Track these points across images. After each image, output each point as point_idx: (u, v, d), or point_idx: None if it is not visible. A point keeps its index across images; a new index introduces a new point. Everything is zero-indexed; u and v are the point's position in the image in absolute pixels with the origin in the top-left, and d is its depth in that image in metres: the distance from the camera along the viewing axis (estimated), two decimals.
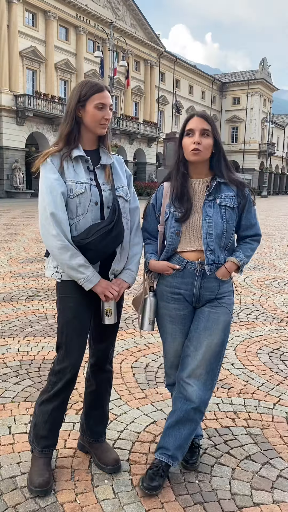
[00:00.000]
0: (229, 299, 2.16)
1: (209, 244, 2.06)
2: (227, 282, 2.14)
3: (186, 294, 2.14)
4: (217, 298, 2.13)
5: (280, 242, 11.40)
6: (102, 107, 2.00)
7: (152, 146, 44.48)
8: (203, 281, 2.10)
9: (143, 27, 42.81)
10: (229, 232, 2.08)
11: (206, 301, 2.14)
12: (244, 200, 2.10)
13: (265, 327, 4.57)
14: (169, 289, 2.17)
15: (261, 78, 59.17)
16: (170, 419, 2.16)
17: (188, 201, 2.09)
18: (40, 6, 32.17)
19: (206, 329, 2.10)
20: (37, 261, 7.86)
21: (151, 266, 2.19)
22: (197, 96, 55.34)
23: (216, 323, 2.10)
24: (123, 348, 3.84)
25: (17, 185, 30.24)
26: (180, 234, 2.11)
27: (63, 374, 2.09)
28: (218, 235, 2.05)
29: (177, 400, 2.15)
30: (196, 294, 2.13)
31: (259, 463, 2.35)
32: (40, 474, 2.09)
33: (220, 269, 2.08)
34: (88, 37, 36.69)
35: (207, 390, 2.12)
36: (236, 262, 2.08)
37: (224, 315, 2.12)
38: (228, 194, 2.08)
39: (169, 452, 2.12)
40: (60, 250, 1.93)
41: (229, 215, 2.07)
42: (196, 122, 2.04)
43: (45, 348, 3.81)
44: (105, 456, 2.25)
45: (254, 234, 2.17)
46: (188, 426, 2.12)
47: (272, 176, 66.49)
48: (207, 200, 2.07)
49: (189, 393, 2.09)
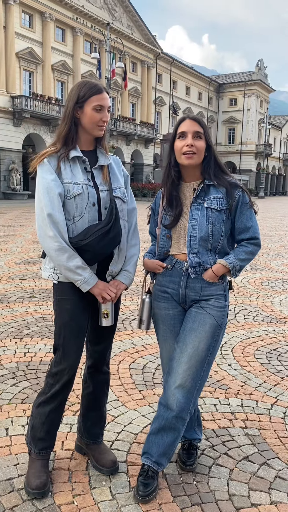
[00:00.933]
0: (218, 302, 2.08)
1: (193, 246, 2.04)
2: (215, 285, 2.08)
3: (173, 293, 2.14)
4: (203, 300, 2.09)
5: (277, 243, 11.43)
6: (100, 109, 2.00)
7: (149, 147, 44.52)
8: (188, 280, 2.09)
9: (140, 29, 42.85)
10: (215, 234, 2.03)
11: (192, 301, 2.12)
12: (235, 202, 2.05)
13: (262, 328, 4.58)
14: (159, 288, 2.19)
15: (258, 79, 59.32)
16: (153, 425, 2.13)
17: (178, 207, 2.08)
18: (37, 7, 32.15)
19: (192, 330, 2.06)
20: (34, 263, 7.85)
21: (144, 264, 2.24)
22: (194, 97, 55.41)
23: (203, 324, 2.05)
24: (121, 349, 3.83)
25: (14, 186, 30.20)
26: (170, 237, 2.12)
27: (61, 376, 2.08)
28: (202, 238, 2.02)
29: (160, 406, 2.11)
30: (182, 294, 2.12)
31: (256, 463, 2.35)
32: (37, 476, 2.08)
33: (207, 271, 2.05)
34: (85, 38, 36.71)
35: (190, 397, 2.06)
36: (225, 264, 2.02)
37: (211, 318, 2.06)
38: (215, 197, 2.04)
39: (153, 458, 2.09)
40: (57, 251, 1.93)
41: (216, 218, 2.03)
42: (188, 124, 2.02)
43: (42, 349, 3.80)
44: (103, 457, 2.25)
45: (251, 237, 2.08)
46: (171, 434, 2.08)
47: (269, 177, 66.64)
48: (195, 203, 2.06)
49: (171, 401, 2.05)
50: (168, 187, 2.11)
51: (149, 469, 2.08)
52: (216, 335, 2.08)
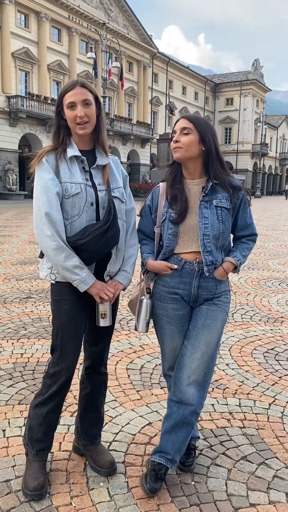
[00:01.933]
0: (226, 297, 2.18)
1: (206, 245, 2.06)
2: (224, 282, 2.15)
3: (184, 294, 2.13)
4: (215, 297, 2.14)
5: (274, 242, 11.44)
6: (72, 105, 1.97)
7: (145, 147, 44.50)
8: (201, 280, 2.10)
9: (136, 28, 42.82)
10: (225, 233, 2.09)
11: (204, 301, 2.14)
12: (239, 201, 2.12)
13: (259, 327, 4.58)
14: (167, 289, 2.15)
15: (254, 79, 59.41)
16: (167, 423, 2.14)
17: (183, 202, 2.08)
18: (32, 7, 32.07)
19: (205, 327, 2.10)
20: (30, 263, 7.83)
21: (148, 266, 2.17)
22: (190, 97, 55.45)
23: (215, 320, 2.11)
24: (118, 350, 3.82)
25: (10, 186, 30.10)
26: (177, 236, 2.10)
27: (58, 376, 2.07)
28: (215, 236, 2.06)
29: (172, 404, 2.13)
30: (194, 294, 2.12)
31: (255, 463, 2.34)
32: (35, 478, 2.07)
33: (218, 269, 2.09)
34: (80, 38, 36.64)
35: (204, 391, 2.14)
36: (234, 262, 2.10)
37: (222, 313, 2.14)
38: (223, 195, 2.08)
39: (169, 456, 2.10)
40: (55, 251, 1.92)
41: (225, 216, 2.07)
42: (179, 123, 2.08)
43: (40, 350, 3.79)
44: (101, 458, 2.24)
45: (250, 234, 2.19)
46: (185, 429, 2.12)
47: (265, 176, 66.77)
48: (203, 201, 2.07)
49: (186, 396, 2.08)
50: (171, 183, 2.13)
51: (162, 468, 2.09)
52: (223, 329, 2.17)
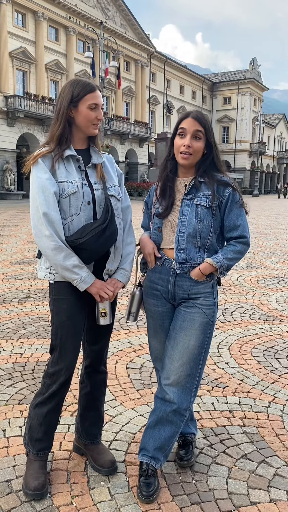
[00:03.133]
0: (206, 300, 2.09)
1: (181, 242, 2.05)
2: (203, 283, 2.08)
3: (162, 291, 2.15)
4: (191, 298, 2.09)
5: (272, 241, 11.45)
6: (95, 107, 1.99)
7: (143, 146, 44.49)
8: (177, 279, 2.09)
9: (133, 28, 42.78)
10: (204, 231, 2.03)
11: (180, 300, 2.12)
12: (225, 200, 2.05)
13: (259, 326, 4.58)
14: (150, 284, 2.20)
15: (252, 78, 59.41)
16: (150, 418, 2.14)
17: (169, 198, 2.09)
18: (30, 7, 32.01)
19: (182, 329, 2.08)
20: (29, 263, 7.82)
21: (141, 239, 2.22)
22: (187, 96, 55.43)
23: (192, 323, 2.06)
24: (118, 349, 3.82)
25: (8, 186, 30.08)
26: (161, 231, 2.13)
27: (58, 376, 2.07)
28: (190, 234, 2.03)
29: (157, 400, 2.14)
30: (171, 291, 2.12)
31: (255, 461, 2.35)
32: (35, 477, 2.07)
33: (195, 270, 2.05)
34: (78, 37, 36.60)
35: (188, 394, 2.08)
36: (212, 264, 2.01)
37: (201, 316, 2.06)
38: (205, 194, 2.04)
39: (149, 454, 2.09)
40: (54, 251, 1.91)
41: (204, 215, 2.03)
42: (189, 123, 2.00)
43: (39, 350, 3.78)
44: (101, 457, 2.24)
45: (239, 236, 2.06)
46: (169, 428, 2.09)
47: (263, 175, 66.81)
48: (186, 199, 2.07)
49: (168, 394, 2.07)
50: (163, 179, 2.13)
51: (148, 468, 2.08)
52: (207, 332, 2.10)
